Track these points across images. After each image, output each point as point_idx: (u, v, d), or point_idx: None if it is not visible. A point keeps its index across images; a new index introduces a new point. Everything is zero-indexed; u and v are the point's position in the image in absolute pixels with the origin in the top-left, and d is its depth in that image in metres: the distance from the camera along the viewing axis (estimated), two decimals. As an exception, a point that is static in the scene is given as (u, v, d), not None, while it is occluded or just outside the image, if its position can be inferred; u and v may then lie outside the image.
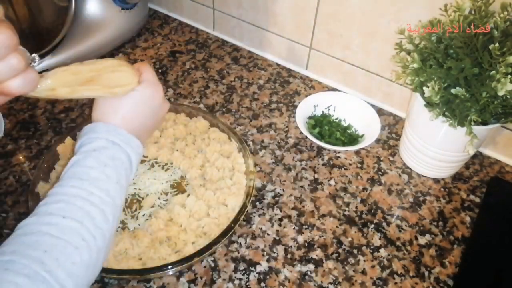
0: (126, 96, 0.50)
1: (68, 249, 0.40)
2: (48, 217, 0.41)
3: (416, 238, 0.64)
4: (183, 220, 0.62)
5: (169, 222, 0.62)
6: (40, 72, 0.43)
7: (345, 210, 0.67)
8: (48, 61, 0.82)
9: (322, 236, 0.64)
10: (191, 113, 0.77)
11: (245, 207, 0.62)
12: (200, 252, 0.57)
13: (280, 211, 0.67)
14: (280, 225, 0.65)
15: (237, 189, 0.65)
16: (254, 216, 0.66)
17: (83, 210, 0.42)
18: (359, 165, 0.74)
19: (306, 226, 0.65)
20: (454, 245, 0.64)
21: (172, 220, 0.62)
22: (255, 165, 0.72)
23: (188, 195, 0.65)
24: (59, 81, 0.44)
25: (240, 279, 0.59)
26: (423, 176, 0.73)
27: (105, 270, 0.55)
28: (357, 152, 0.76)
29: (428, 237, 0.65)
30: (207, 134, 0.74)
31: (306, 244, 0.63)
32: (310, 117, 0.80)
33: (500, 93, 0.52)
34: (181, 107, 0.77)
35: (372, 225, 0.66)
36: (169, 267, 0.56)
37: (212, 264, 0.60)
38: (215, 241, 0.58)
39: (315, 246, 0.63)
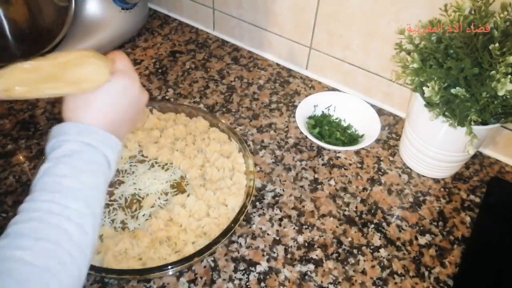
0: (98, 90, 0.46)
1: (45, 278, 0.36)
2: (20, 240, 0.37)
3: (416, 238, 0.64)
4: (183, 220, 0.62)
5: (169, 222, 0.62)
6: None
7: (345, 210, 0.67)
8: (48, 61, 0.82)
9: (322, 236, 0.64)
10: (191, 113, 0.77)
11: (245, 207, 0.62)
12: (200, 252, 0.57)
13: (280, 211, 0.67)
14: (280, 225, 0.65)
15: (237, 189, 0.65)
16: (254, 216, 0.66)
17: (58, 228, 0.38)
18: (359, 165, 0.74)
19: (306, 226, 0.65)
20: (454, 245, 0.64)
21: (172, 220, 0.62)
22: (255, 165, 0.72)
23: (188, 195, 0.65)
24: (15, 80, 0.40)
25: (240, 279, 0.59)
26: (423, 176, 0.73)
27: (105, 270, 0.55)
28: (357, 152, 0.76)
29: (428, 237, 0.65)
30: (207, 134, 0.74)
31: (306, 244, 0.63)
32: (310, 117, 0.80)
33: (500, 93, 0.52)
34: (181, 107, 0.77)
35: (372, 225, 0.66)
36: (169, 267, 0.56)
37: (212, 264, 0.60)
38: (215, 241, 0.58)
39: (315, 246, 0.63)
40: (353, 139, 0.77)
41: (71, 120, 0.45)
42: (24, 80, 0.41)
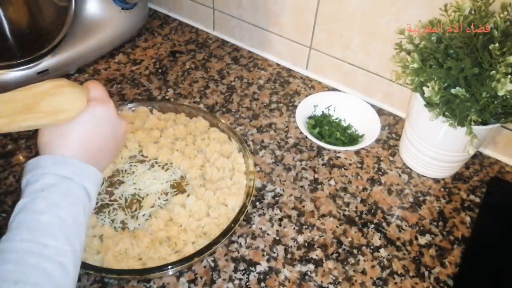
0: (74, 120, 0.45)
1: None
2: None
3: (416, 238, 0.64)
4: (183, 220, 0.62)
5: (169, 222, 0.62)
6: (40, 72, 0.42)
7: (345, 210, 0.67)
8: (48, 61, 0.82)
9: (322, 236, 0.64)
10: (191, 113, 0.77)
11: (245, 207, 0.62)
12: (200, 252, 0.57)
13: (280, 211, 0.67)
14: (280, 225, 0.65)
15: (237, 189, 0.65)
16: (254, 216, 0.66)
17: (38, 269, 0.36)
18: (359, 165, 0.74)
19: (306, 226, 0.65)
20: (454, 245, 0.64)
21: (172, 220, 0.62)
22: (255, 165, 0.72)
23: (188, 195, 0.65)
24: None
25: (240, 279, 0.59)
26: (423, 176, 0.73)
27: (105, 270, 0.55)
28: (357, 152, 0.76)
29: (428, 237, 0.65)
30: (207, 134, 0.74)
31: (306, 244, 0.63)
32: (310, 117, 0.80)
33: (500, 93, 0.52)
34: (181, 107, 0.77)
35: (372, 225, 0.66)
36: (169, 267, 0.56)
37: (212, 264, 0.60)
38: (215, 241, 0.58)
39: (315, 246, 0.63)
40: (353, 139, 0.77)
41: (47, 153, 0.44)
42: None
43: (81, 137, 0.45)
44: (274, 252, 0.62)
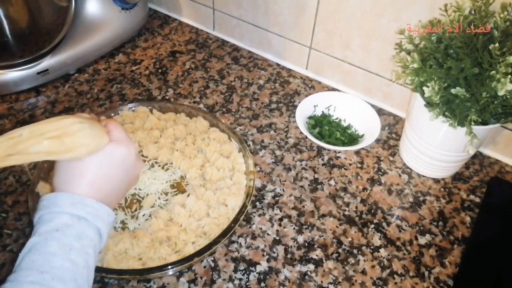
0: (92, 158, 0.44)
1: None
2: None
3: (416, 238, 0.64)
4: (183, 220, 0.62)
5: (169, 222, 0.62)
6: (40, 72, 0.42)
7: (345, 210, 0.67)
8: (48, 61, 0.82)
9: (322, 236, 0.64)
10: (191, 113, 0.77)
11: (245, 207, 0.62)
12: (200, 252, 0.57)
13: (280, 211, 0.67)
14: (280, 225, 0.65)
15: (237, 189, 0.65)
16: (254, 216, 0.66)
17: None
18: (359, 165, 0.74)
19: (306, 226, 0.65)
20: (454, 245, 0.64)
21: (172, 220, 0.62)
22: (255, 165, 0.72)
23: (188, 195, 0.65)
24: (6, 147, 0.40)
25: (240, 279, 0.59)
26: (423, 176, 0.73)
27: (105, 270, 0.55)
28: (357, 152, 0.76)
29: (428, 237, 0.65)
30: (207, 134, 0.74)
31: (306, 244, 0.63)
32: (310, 117, 0.80)
33: (500, 93, 0.52)
34: (181, 107, 0.77)
35: (372, 225, 0.66)
36: (169, 267, 0.56)
37: (212, 264, 0.60)
38: (215, 241, 0.58)
39: (315, 246, 0.63)
40: (353, 139, 0.77)
41: (61, 191, 0.43)
42: (16, 148, 0.40)
43: (98, 178, 0.45)
44: (274, 252, 0.62)
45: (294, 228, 0.65)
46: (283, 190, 0.70)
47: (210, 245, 0.58)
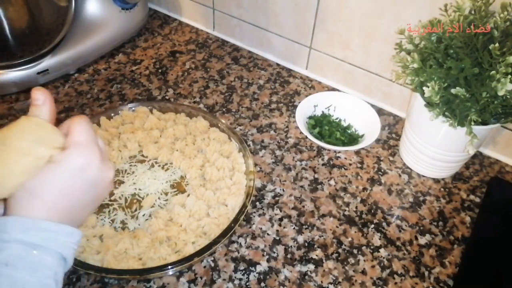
0: (44, 171, 0.37)
1: None
2: None
3: (416, 238, 0.64)
4: (183, 220, 0.62)
5: (169, 222, 0.62)
6: (40, 72, 0.36)
7: (345, 210, 0.67)
8: (48, 61, 0.82)
9: (322, 236, 0.64)
10: (191, 113, 0.77)
11: (245, 207, 0.62)
12: (200, 252, 0.57)
13: (280, 211, 0.67)
14: (280, 225, 0.65)
15: (237, 189, 0.65)
16: (254, 216, 0.66)
17: None
18: (359, 165, 0.74)
19: (306, 226, 0.65)
20: (454, 245, 0.64)
21: (172, 220, 0.62)
22: (255, 165, 0.72)
23: (188, 195, 0.65)
24: None
25: (240, 279, 0.59)
26: (423, 176, 0.73)
27: (105, 270, 0.55)
28: (357, 152, 0.76)
29: (428, 237, 0.65)
30: (207, 134, 0.74)
31: (306, 244, 0.63)
32: (310, 117, 0.80)
33: (500, 93, 0.52)
34: (181, 107, 0.77)
35: (372, 225, 0.66)
36: (169, 267, 0.56)
37: (212, 264, 0.60)
38: (215, 241, 0.58)
39: (315, 246, 0.63)
40: (353, 139, 0.77)
41: (13, 213, 0.36)
42: None
43: (53, 195, 0.37)
44: (274, 252, 0.62)
45: (294, 228, 0.65)
46: (283, 190, 0.70)
47: (210, 245, 0.58)
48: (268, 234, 0.64)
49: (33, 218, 0.36)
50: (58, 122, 0.84)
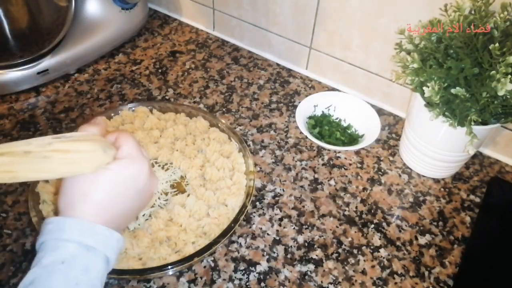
0: (99, 177, 0.40)
1: None
2: None
3: (416, 238, 0.64)
4: (183, 220, 0.62)
5: (169, 222, 0.62)
6: (40, 72, 0.40)
7: (345, 210, 0.67)
8: (48, 61, 0.82)
9: (322, 236, 0.64)
10: (191, 113, 0.77)
11: (245, 207, 0.62)
12: (200, 252, 0.57)
13: (280, 211, 0.67)
14: (280, 225, 0.65)
15: (237, 189, 0.65)
16: (254, 216, 0.66)
17: None
18: (359, 165, 0.74)
19: (306, 226, 0.65)
20: (454, 245, 0.64)
21: (172, 220, 0.62)
22: (255, 165, 0.72)
23: (188, 195, 0.65)
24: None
25: (240, 279, 0.59)
26: (423, 176, 0.73)
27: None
28: (357, 152, 0.76)
29: (428, 237, 0.65)
30: (207, 134, 0.74)
31: (306, 244, 0.63)
32: (310, 117, 0.80)
33: (500, 93, 0.52)
34: (181, 107, 0.77)
35: (372, 225, 0.66)
36: (169, 267, 0.56)
37: (212, 264, 0.60)
38: (215, 241, 0.58)
39: (315, 246, 0.63)
40: (353, 139, 0.77)
41: (67, 214, 0.39)
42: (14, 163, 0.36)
43: (105, 200, 0.40)
44: (274, 252, 0.62)
45: (294, 228, 0.65)
46: (283, 190, 0.70)
47: (210, 245, 0.58)
48: (268, 234, 0.64)
49: (89, 221, 0.39)
50: (58, 122, 0.84)
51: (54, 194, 0.62)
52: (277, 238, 0.63)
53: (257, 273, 0.59)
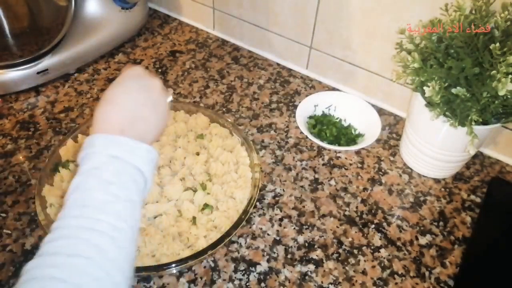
0: (113, 86, 0.47)
1: None
2: (52, 258, 0.36)
3: (417, 238, 0.64)
4: (193, 215, 0.62)
5: (179, 218, 0.62)
6: (40, 72, 0.43)
7: (346, 210, 0.67)
8: (48, 61, 0.82)
9: (323, 236, 0.64)
10: (190, 109, 0.77)
11: (253, 198, 0.62)
12: (213, 245, 0.57)
13: (280, 211, 0.67)
14: (280, 225, 0.65)
15: (243, 182, 0.66)
16: (254, 216, 0.66)
17: (90, 243, 0.37)
18: (359, 165, 0.74)
19: (307, 226, 0.65)
20: (455, 245, 0.64)
21: (182, 216, 0.62)
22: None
23: (196, 191, 0.65)
24: None
25: (240, 279, 0.59)
26: (424, 176, 0.73)
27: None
28: (357, 152, 0.76)
29: (428, 237, 0.64)
30: (208, 129, 0.74)
31: (307, 244, 0.63)
32: (310, 117, 0.80)
33: (501, 93, 0.52)
34: (179, 104, 0.78)
35: (373, 225, 0.65)
36: (186, 261, 0.56)
37: (212, 264, 0.60)
38: (227, 233, 0.58)
39: (316, 246, 0.63)
40: (354, 139, 0.77)
41: (97, 132, 0.44)
42: None
43: (121, 97, 0.46)
44: (274, 252, 0.62)
45: (294, 228, 0.65)
46: (283, 190, 0.69)
47: (223, 237, 0.58)
48: (268, 234, 0.64)
49: (113, 135, 0.43)
50: (57, 121, 0.84)
51: (61, 197, 0.62)
52: (277, 238, 0.63)
53: (257, 273, 0.59)
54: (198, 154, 0.70)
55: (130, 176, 0.42)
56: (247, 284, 0.58)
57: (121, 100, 0.46)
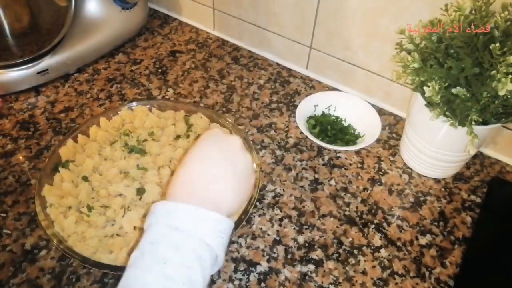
0: (190, 150, 0.43)
1: None
2: None
3: (417, 238, 0.64)
4: None
5: None
6: (40, 72, 0.41)
7: (346, 210, 0.67)
8: (48, 60, 0.82)
9: (323, 236, 0.64)
10: (190, 109, 0.77)
11: (253, 198, 0.62)
12: None
13: (280, 211, 0.67)
14: (280, 225, 0.65)
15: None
16: (254, 216, 0.66)
17: None
18: (359, 165, 0.74)
19: (307, 226, 0.65)
20: (455, 245, 0.64)
21: None
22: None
23: None
24: None
25: (240, 280, 0.59)
26: (424, 176, 0.73)
27: (120, 269, 0.54)
28: (357, 152, 0.76)
29: (428, 237, 0.64)
30: (208, 129, 0.74)
31: (307, 245, 0.63)
32: (310, 117, 0.80)
33: (501, 93, 0.52)
34: (180, 104, 0.77)
35: (373, 225, 0.65)
36: None
37: (212, 264, 0.60)
38: None
39: (316, 246, 0.63)
40: (354, 139, 0.77)
41: (168, 190, 0.41)
42: None
43: (189, 172, 0.41)
44: (274, 253, 0.62)
45: (294, 228, 0.65)
46: (283, 190, 0.69)
47: None
48: (268, 234, 0.64)
49: (175, 202, 0.39)
50: (57, 121, 0.84)
51: (61, 197, 0.62)
52: (277, 238, 0.63)
53: (257, 273, 0.59)
54: None
55: (192, 250, 0.36)
56: (247, 284, 0.58)
57: (194, 160, 0.42)
